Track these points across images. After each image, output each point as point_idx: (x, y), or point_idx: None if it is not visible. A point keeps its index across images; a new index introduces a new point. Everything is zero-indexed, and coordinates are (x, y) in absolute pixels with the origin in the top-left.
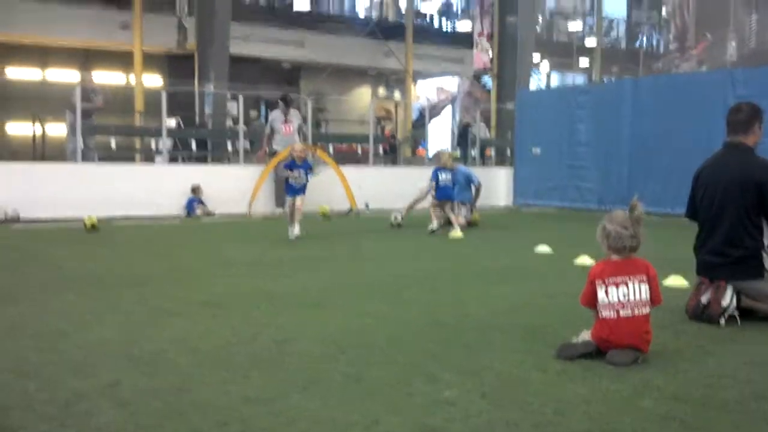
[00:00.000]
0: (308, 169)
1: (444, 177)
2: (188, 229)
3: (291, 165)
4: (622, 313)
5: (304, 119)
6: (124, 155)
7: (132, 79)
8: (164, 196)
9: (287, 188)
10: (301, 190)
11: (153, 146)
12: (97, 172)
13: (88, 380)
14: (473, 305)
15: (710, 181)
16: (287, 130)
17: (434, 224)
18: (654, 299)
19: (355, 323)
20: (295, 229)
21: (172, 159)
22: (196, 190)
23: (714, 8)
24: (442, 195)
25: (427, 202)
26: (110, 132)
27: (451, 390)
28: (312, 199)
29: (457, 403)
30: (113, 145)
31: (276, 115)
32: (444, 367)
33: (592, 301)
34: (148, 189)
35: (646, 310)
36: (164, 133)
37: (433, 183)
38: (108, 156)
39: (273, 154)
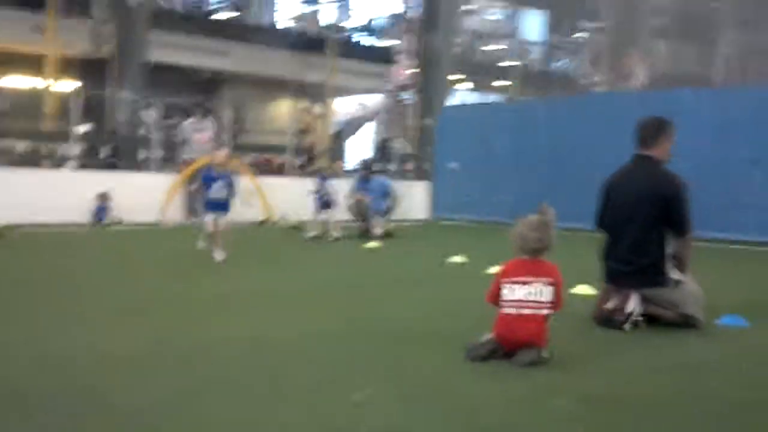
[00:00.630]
0: (230, 182)
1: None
2: (98, 236)
3: (209, 178)
4: (523, 311)
5: (224, 128)
6: (32, 160)
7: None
8: (73, 203)
9: (207, 204)
10: (223, 206)
11: (61, 152)
12: (1, 176)
13: None
14: (389, 311)
15: (618, 192)
16: (202, 138)
17: (312, 232)
18: (557, 303)
19: (271, 329)
20: (219, 254)
21: (82, 166)
22: (103, 196)
23: (626, 35)
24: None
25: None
26: (16, 136)
27: (364, 392)
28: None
29: (370, 405)
30: (20, 149)
31: (189, 123)
32: (360, 371)
33: (497, 297)
34: (56, 195)
35: (546, 311)
36: (73, 138)
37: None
38: (14, 161)
39: (186, 162)
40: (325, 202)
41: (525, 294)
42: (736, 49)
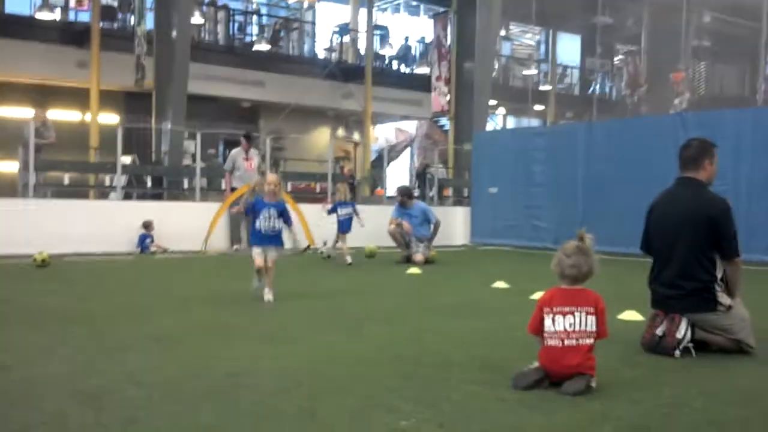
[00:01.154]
0: (283, 210)
1: (343, 211)
2: (141, 265)
3: (257, 205)
4: (566, 342)
5: (263, 158)
6: (78, 191)
7: (88, 116)
8: (118, 232)
9: (253, 237)
10: (273, 239)
11: (107, 183)
12: (49, 208)
13: (32, 413)
14: (431, 339)
15: (663, 215)
16: (248, 166)
17: (326, 251)
18: (600, 332)
19: (311, 357)
20: (268, 293)
21: (127, 196)
22: (147, 226)
23: (664, 57)
24: (343, 228)
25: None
26: (64, 168)
27: (408, 420)
28: None
29: None
30: (66, 181)
31: (237, 151)
32: (402, 399)
33: (539, 328)
34: (102, 225)
35: (590, 341)
36: (119, 169)
37: (333, 215)
38: (61, 192)
39: (233, 190)
40: (345, 227)
41: (568, 325)
42: None
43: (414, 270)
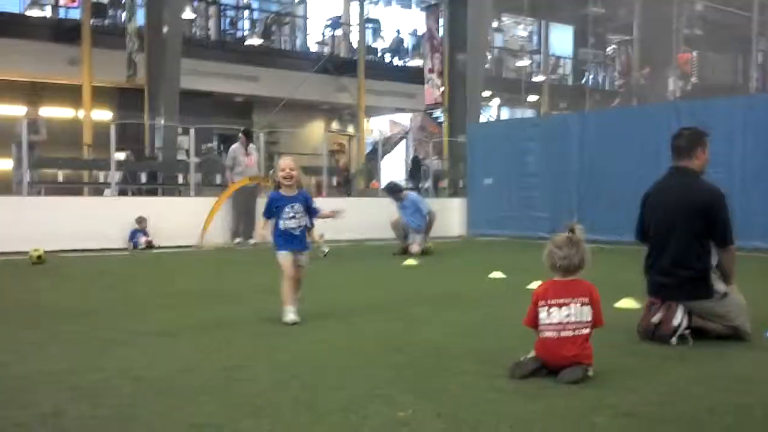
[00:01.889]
0: (308, 202)
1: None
2: (135, 261)
3: (279, 201)
4: (562, 333)
5: (258, 151)
6: (72, 188)
7: (81, 113)
8: (112, 228)
9: (280, 239)
10: (302, 242)
11: (101, 179)
12: (43, 205)
13: (29, 409)
14: (427, 330)
15: (657, 204)
16: (250, 161)
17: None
18: (596, 321)
19: (308, 350)
20: (291, 312)
21: (122, 192)
22: (140, 222)
23: (656, 46)
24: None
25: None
26: (57, 165)
27: (405, 411)
28: None
29: (411, 424)
30: (60, 178)
31: (237, 147)
32: (398, 390)
33: (534, 321)
34: (96, 222)
35: (586, 331)
36: (113, 165)
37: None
38: (56, 189)
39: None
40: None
41: (564, 316)
42: None
43: (410, 261)
